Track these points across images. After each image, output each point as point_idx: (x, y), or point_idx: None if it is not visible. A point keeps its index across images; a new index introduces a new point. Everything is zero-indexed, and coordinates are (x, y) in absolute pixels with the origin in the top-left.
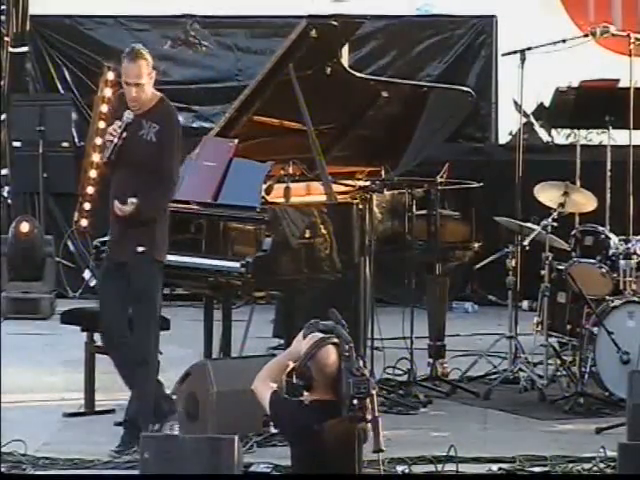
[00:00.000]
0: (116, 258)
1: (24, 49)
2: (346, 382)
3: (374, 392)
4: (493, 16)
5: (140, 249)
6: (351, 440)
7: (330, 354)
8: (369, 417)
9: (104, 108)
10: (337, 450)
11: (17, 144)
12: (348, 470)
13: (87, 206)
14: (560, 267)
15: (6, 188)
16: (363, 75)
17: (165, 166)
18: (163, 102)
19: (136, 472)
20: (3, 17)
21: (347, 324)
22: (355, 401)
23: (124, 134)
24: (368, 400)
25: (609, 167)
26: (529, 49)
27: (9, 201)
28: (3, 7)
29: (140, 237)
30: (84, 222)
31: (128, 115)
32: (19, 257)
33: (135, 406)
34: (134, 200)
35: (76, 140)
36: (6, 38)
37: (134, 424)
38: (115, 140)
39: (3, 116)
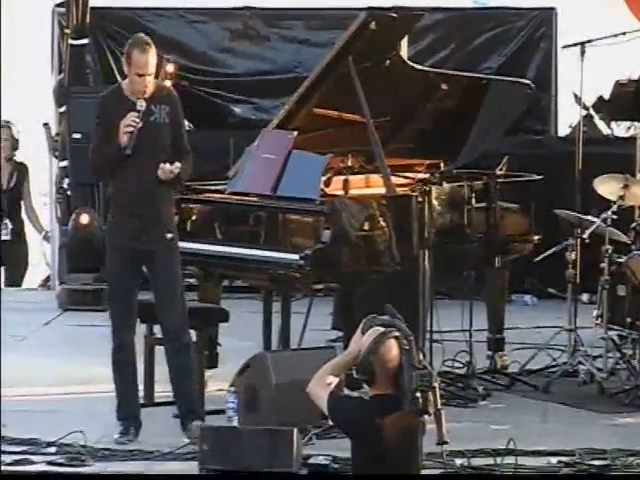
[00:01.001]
0: (141, 246)
1: (84, 41)
2: (408, 375)
3: (436, 385)
4: (553, 8)
5: (169, 236)
6: (412, 434)
7: (392, 348)
8: (431, 410)
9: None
10: (398, 444)
11: (77, 136)
12: (408, 464)
13: None
14: (620, 260)
15: (66, 180)
16: (422, 67)
17: (185, 142)
18: (161, 85)
19: (195, 463)
20: (64, 9)
21: (406, 317)
22: (417, 394)
23: (140, 124)
24: (430, 393)
25: None
26: (589, 42)
27: (69, 193)
28: None
29: (167, 224)
30: None
31: (141, 104)
32: (79, 249)
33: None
34: (179, 165)
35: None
36: (66, 30)
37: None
38: (135, 131)
39: (63, 108)
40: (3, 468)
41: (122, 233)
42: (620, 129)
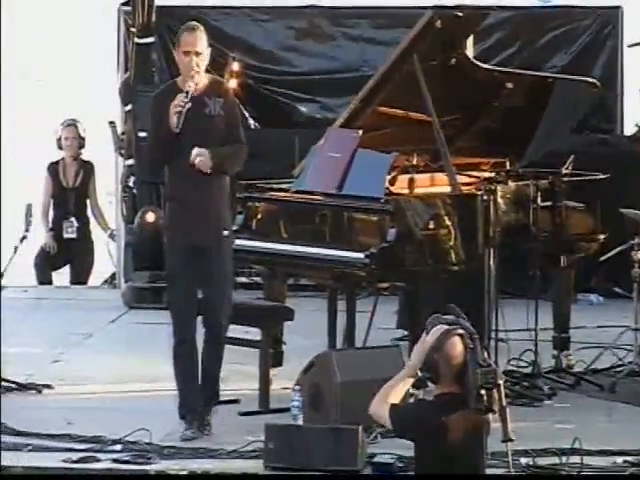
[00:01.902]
0: (196, 242)
1: (150, 40)
2: (473, 373)
3: (501, 382)
4: (619, 7)
5: (225, 233)
6: (477, 432)
7: (456, 345)
8: (496, 408)
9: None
10: (463, 443)
11: (143, 134)
12: (474, 463)
13: None
14: None
15: (132, 178)
16: (488, 66)
17: (240, 134)
18: (217, 79)
19: (260, 462)
20: (129, 8)
21: (471, 316)
22: (482, 392)
23: (189, 105)
24: (495, 390)
25: None
26: None
27: (135, 191)
28: None
29: (223, 221)
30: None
31: (189, 85)
32: (144, 247)
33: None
34: (206, 150)
35: None
36: (132, 29)
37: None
38: (183, 110)
39: (129, 107)
40: (69, 465)
41: (178, 229)
42: None
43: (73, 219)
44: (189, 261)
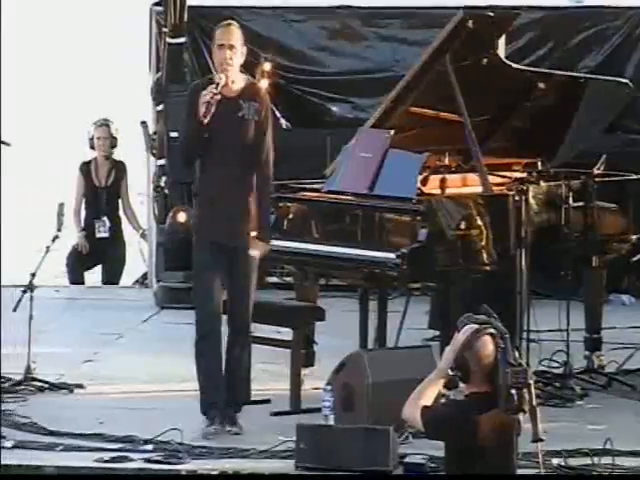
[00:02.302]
0: (224, 241)
1: (182, 40)
2: (503, 372)
3: (532, 382)
4: None
5: (253, 234)
6: (507, 432)
7: (487, 344)
8: (526, 407)
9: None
10: (493, 442)
11: (174, 134)
12: (504, 463)
13: None
14: None
15: (163, 178)
16: (520, 66)
17: (269, 143)
18: (254, 83)
19: (291, 462)
20: (161, 8)
21: (502, 316)
22: (513, 391)
23: (218, 96)
24: (525, 390)
25: None
26: None
27: (166, 191)
28: None
29: (251, 221)
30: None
31: (220, 77)
32: (176, 247)
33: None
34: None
35: None
36: (164, 29)
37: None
38: (212, 101)
39: (161, 107)
40: (101, 465)
41: (205, 228)
42: None
43: (105, 219)
44: (215, 259)
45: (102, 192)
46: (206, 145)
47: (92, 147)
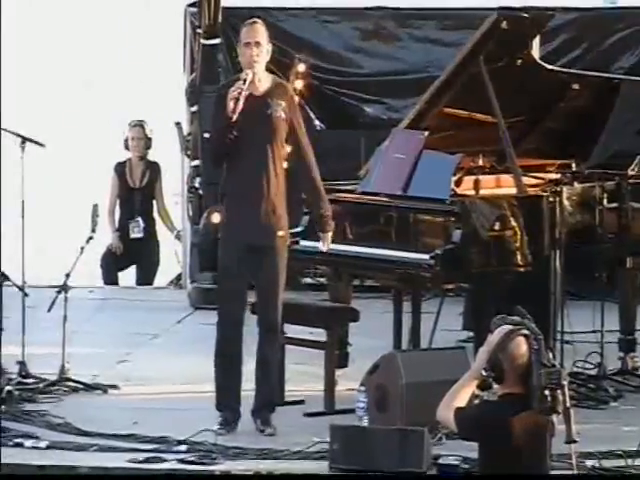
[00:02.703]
0: (252, 241)
1: (216, 41)
2: (537, 374)
3: (565, 383)
4: None
5: (281, 233)
6: (541, 433)
7: (521, 345)
8: (560, 408)
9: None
10: (527, 443)
11: (209, 135)
12: (537, 464)
13: None
14: None
15: (198, 179)
16: (554, 67)
17: (305, 136)
18: (281, 82)
19: (325, 463)
20: (196, 9)
21: (536, 317)
22: (546, 392)
23: (246, 92)
24: (559, 391)
25: None
26: None
27: (200, 192)
28: None
29: (280, 221)
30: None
31: (247, 73)
32: (210, 248)
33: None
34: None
35: None
36: (198, 30)
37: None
38: (242, 98)
39: (195, 107)
40: (135, 465)
41: (235, 228)
42: None
43: (139, 219)
44: (241, 259)
45: (136, 193)
46: (234, 144)
47: (127, 148)
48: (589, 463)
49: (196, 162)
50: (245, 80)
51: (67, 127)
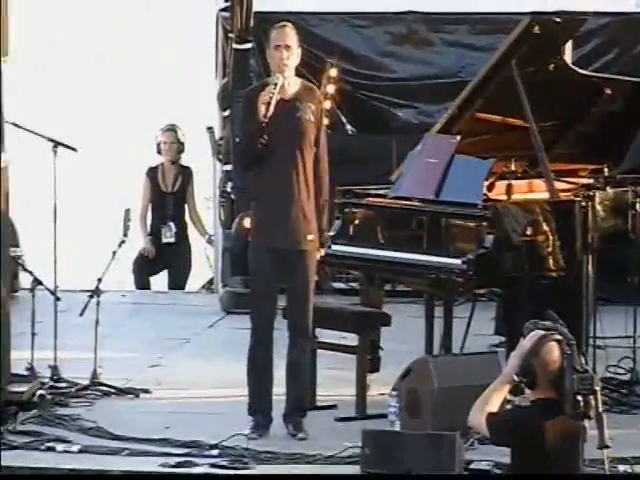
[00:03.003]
0: (283, 246)
1: (248, 46)
2: (569, 379)
3: (598, 388)
4: None
5: (310, 237)
6: (573, 438)
7: (553, 350)
8: (592, 414)
9: (327, 104)
10: (559, 449)
11: (238, 139)
12: (570, 469)
13: None
14: None
15: (229, 183)
16: (586, 72)
17: (324, 143)
18: (307, 84)
19: (357, 467)
20: (228, 14)
21: (569, 322)
22: (579, 398)
23: (277, 96)
24: (591, 397)
25: None
26: None
27: (232, 196)
28: (228, 4)
29: (309, 225)
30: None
31: (277, 77)
32: (242, 252)
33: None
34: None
35: None
36: (230, 35)
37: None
38: (271, 101)
39: (227, 112)
40: (167, 470)
41: (265, 232)
42: None
43: (171, 224)
44: (273, 263)
45: (169, 197)
46: (265, 148)
47: (159, 152)
48: (621, 468)
49: (228, 166)
50: (276, 85)
51: (99, 132)
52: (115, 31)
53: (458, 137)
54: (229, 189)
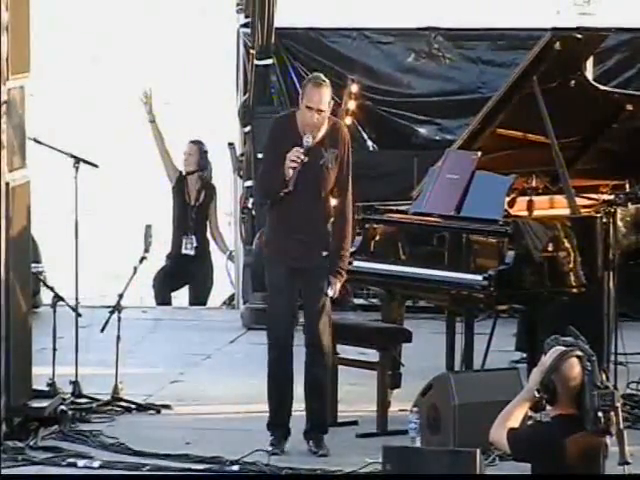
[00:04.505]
0: (300, 266)
1: (269, 62)
2: (590, 395)
3: (619, 405)
4: None
5: (324, 253)
6: (594, 454)
7: (573, 366)
8: (613, 430)
9: (348, 120)
10: (580, 465)
11: (261, 156)
12: None
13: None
14: None
15: (251, 199)
16: (607, 88)
17: (349, 182)
18: (336, 125)
19: None
20: (249, 30)
21: (590, 339)
22: (599, 414)
23: (305, 159)
24: (612, 413)
25: None
26: None
27: (253, 212)
28: (249, 20)
29: (324, 243)
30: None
31: (307, 139)
32: (263, 268)
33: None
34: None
35: None
36: (251, 51)
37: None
38: (299, 167)
39: (248, 128)
40: None
41: (283, 254)
42: None
43: (193, 237)
44: (290, 280)
45: (191, 210)
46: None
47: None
48: None
49: (249, 182)
50: (305, 148)
51: (121, 148)
52: (139, 50)
53: (479, 153)
54: (250, 205)
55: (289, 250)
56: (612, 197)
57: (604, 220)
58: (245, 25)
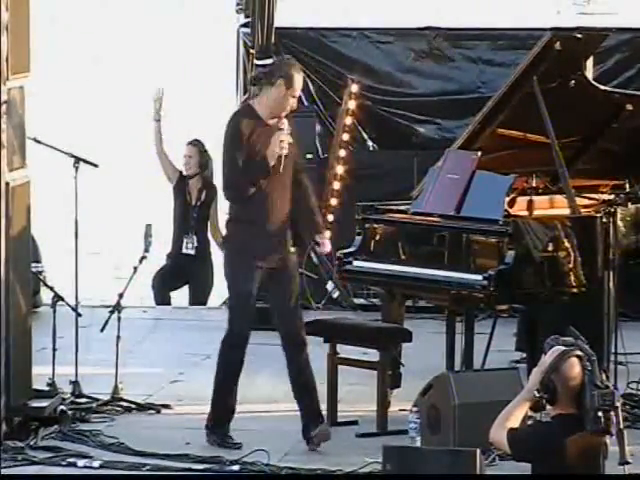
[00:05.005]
0: (268, 265)
1: (269, 62)
2: (590, 394)
3: (619, 404)
4: None
5: (292, 250)
6: (594, 454)
7: (573, 366)
8: (613, 430)
9: (348, 120)
10: (580, 464)
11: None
12: None
13: (330, 218)
14: None
15: None
16: (607, 88)
17: (298, 154)
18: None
19: None
20: (249, 30)
21: (590, 338)
22: (600, 413)
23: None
24: (612, 413)
25: None
26: None
27: None
28: (249, 20)
29: (290, 237)
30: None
31: (283, 123)
32: None
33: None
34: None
35: (320, 152)
36: (251, 51)
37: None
38: (284, 152)
39: None
40: None
41: (250, 252)
42: None
43: (194, 236)
44: (257, 279)
45: (192, 209)
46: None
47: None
48: None
49: None
50: (282, 131)
51: (121, 148)
52: (139, 51)
53: (479, 153)
54: None
55: (256, 249)
56: (612, 197)
57: (604, 220)
58: (245, 25)
